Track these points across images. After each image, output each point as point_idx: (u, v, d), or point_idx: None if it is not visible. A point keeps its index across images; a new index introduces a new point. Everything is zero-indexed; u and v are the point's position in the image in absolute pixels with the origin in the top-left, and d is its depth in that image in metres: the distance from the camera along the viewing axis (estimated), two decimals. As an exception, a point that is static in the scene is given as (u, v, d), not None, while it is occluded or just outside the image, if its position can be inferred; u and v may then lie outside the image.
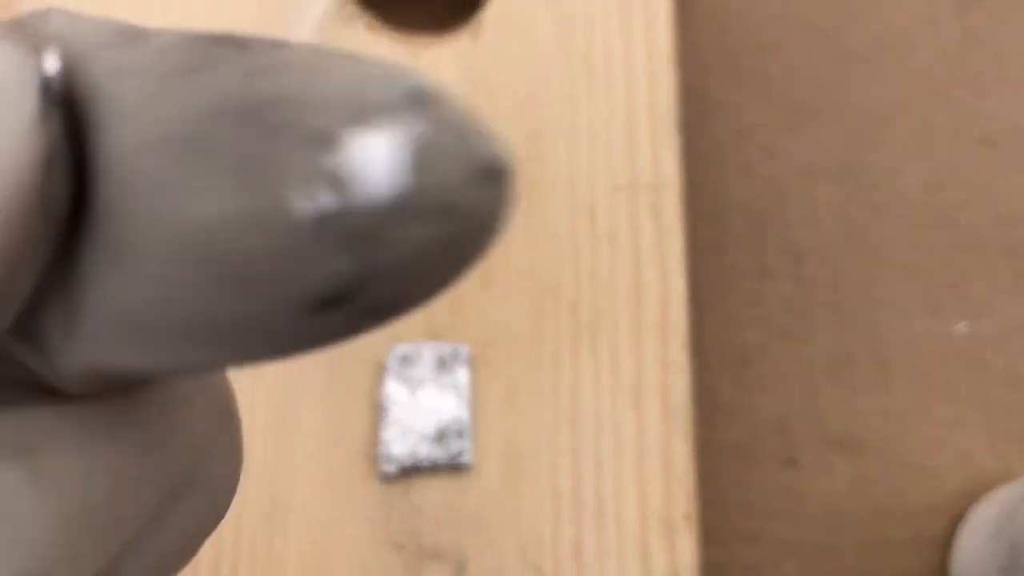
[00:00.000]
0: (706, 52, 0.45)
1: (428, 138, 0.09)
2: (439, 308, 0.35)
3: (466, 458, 0.33)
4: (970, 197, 0.44)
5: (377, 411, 0.34)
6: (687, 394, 0.34)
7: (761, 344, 0.41)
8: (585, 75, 0.39)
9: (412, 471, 0.33)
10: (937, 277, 0.43)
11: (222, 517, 0.13)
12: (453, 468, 0.33)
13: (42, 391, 0.11)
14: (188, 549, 0.12)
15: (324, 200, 0.08)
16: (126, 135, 0.09)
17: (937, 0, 0.47)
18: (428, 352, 0.34)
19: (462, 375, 0.34)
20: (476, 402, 0.34)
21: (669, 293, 0.36)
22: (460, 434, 0.33)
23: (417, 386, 0.34)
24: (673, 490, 0.33)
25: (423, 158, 0.09)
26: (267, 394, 0.34)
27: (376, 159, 0.09)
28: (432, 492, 0.33)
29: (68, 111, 0.10)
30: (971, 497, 0.40)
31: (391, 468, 0.33)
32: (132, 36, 0.10)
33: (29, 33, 0.11)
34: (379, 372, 0.35)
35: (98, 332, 0.10)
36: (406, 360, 0.34)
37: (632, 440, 0.34)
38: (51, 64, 0.10)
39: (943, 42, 0.46)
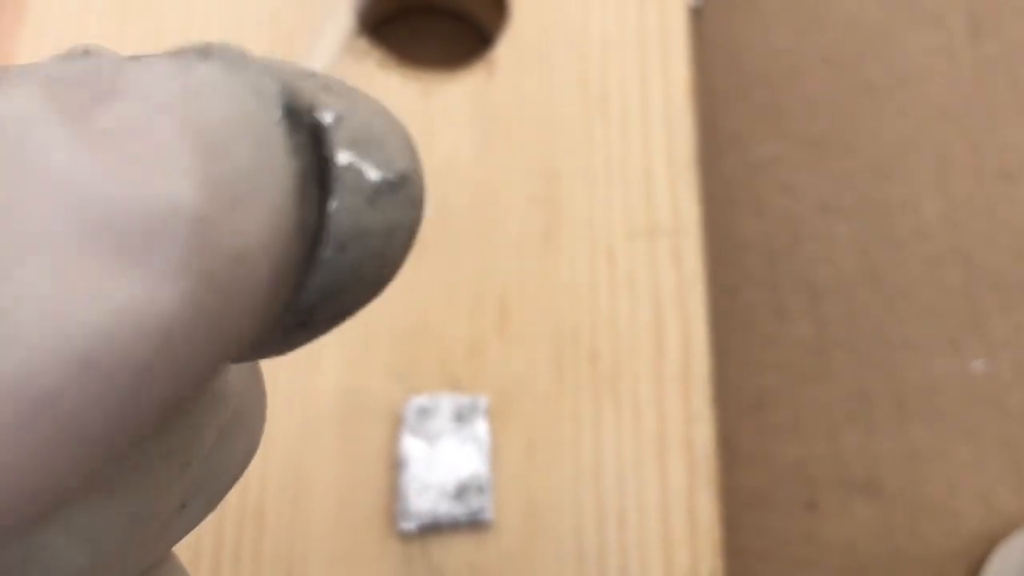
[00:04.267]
0: (718, 85, 0.45)
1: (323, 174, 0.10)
2: (456, 357, 0.35)
3: (487, 515, 0.32)
4: (988, 232, 0.43)
5: (394, 467, 0.33)
6: (711, 446, 0.34)
7: (779, 387, 0.40)
8: (601, 113, 0.38)
9: (431, 528, 0.32)
10: (956, 314, 0.42)
11: (256, 450, 0.15)
12: (473, 525, 0.33)
13: None
14: (232, 481, 0.14)
15: None
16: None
17: (952, 30, 0.46)
18: (446, 404, 0.34)
19: (481, 428, 0.33)
20: (495, 456, 0.34)
21: (691, 342, 0.35)
22: (480, 490, 0.33)
23: (435, 440, 0.33)
24: (699, 546, 0.33)
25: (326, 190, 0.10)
26: (281, 453, 0.33)
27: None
28: (452, 550, 0.33)
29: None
30: (993, 541, 0.39)
31: (410, 525, 0.32)
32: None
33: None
34: (395, 426, 0.34)
35: None
36: (424, 413, 0.33)
37: (656, 495, 0.33)
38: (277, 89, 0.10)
39: (958, 73, 0.46)
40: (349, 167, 0.10)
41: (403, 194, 0.11)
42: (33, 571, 0.11)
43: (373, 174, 0.10)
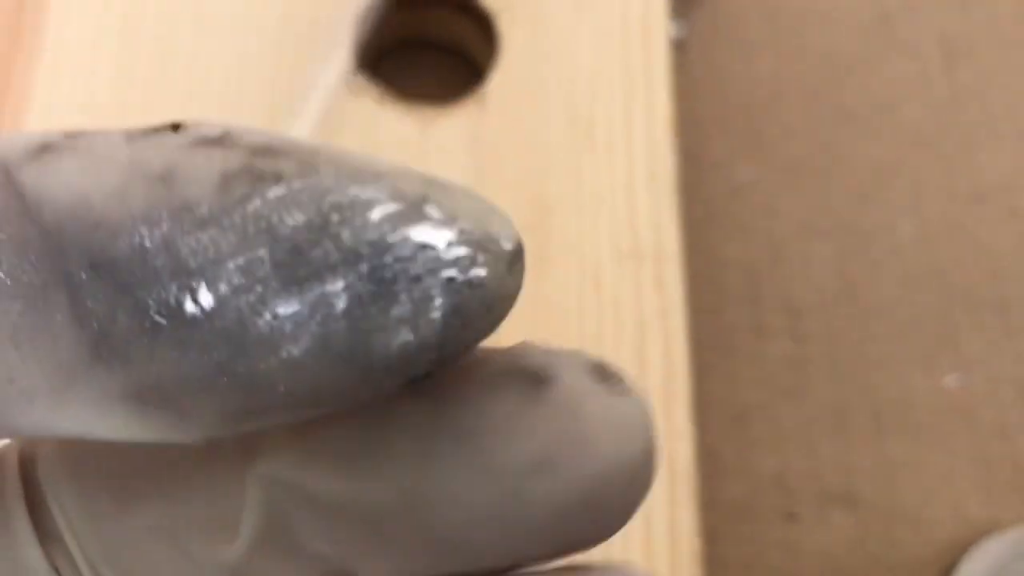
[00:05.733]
0: (702, 112, 0.47)
1: (468, 295, 0.12)
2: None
3: (479, 528, 0.34)
4: (961, 252, 0.45)
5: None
6: (691, 462, 0.36)
7: (759, 402, 0.42)
8: (588, 144, 0.40)
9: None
10: (930, 332, 0.44)
11: None
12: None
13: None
14: None
15: (404, 336, 0.11)
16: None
17: (926, 58, 0.48)
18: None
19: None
20: (488, 471, 0.35)
21: (673, 363, 0.37)
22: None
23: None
24: (679, 559, 0.35)
25: (469, 310, 0.12)
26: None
27: (437, 287, 0.11)
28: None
29: None
30: (963, 548, 0.41)
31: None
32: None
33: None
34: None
35: None
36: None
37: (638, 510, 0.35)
38: None
39: (933, 99, 0.48)
40: (491, 238, 0.12)
41: (523, 260, 0.12)
42: (303, 532, 0.13)
43: (508, 245, 0.12)
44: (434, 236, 0.11)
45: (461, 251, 0.11)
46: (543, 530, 0.13)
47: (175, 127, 0.13)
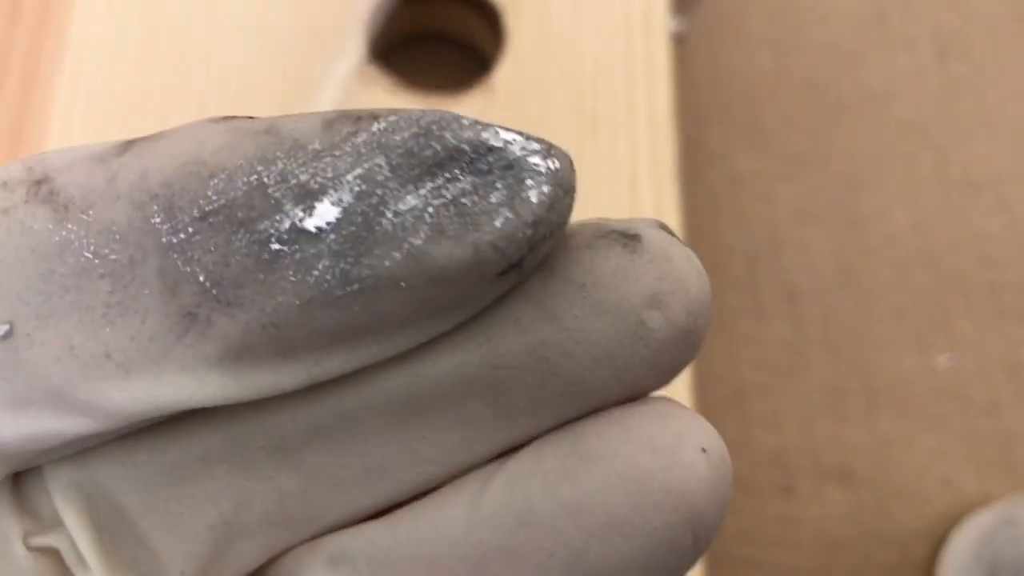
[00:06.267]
0: (703, 104, 0.48)
1: (551, 179, 0.14)
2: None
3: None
4: (954, 238, 0.47)
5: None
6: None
7: (758, 382, 0.44)
8: (591, 134, 0.42)
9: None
10: (923, 315, 0.45)
11: None
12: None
13: None
14: None
15: (504, 215, 0.13)
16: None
17: (920, 52, 0.50)
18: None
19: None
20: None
21: (672, 339, 0.38)
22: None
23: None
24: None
25: (553, 191, 0.14)
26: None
27: (533, 200, 0.13)
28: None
29: None
30: (954, 521, 0.43)
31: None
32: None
33: None
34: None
35: None
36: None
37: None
38: None
39: (926, 91, 0.49)
40: (560, 169, 0.14)
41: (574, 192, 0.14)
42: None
43: (572, 177, 0.14)
44: (514, 136, 0.14)
45: (537, 146, 0.14)
46: (655, 359, 0.15)
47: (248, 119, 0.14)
